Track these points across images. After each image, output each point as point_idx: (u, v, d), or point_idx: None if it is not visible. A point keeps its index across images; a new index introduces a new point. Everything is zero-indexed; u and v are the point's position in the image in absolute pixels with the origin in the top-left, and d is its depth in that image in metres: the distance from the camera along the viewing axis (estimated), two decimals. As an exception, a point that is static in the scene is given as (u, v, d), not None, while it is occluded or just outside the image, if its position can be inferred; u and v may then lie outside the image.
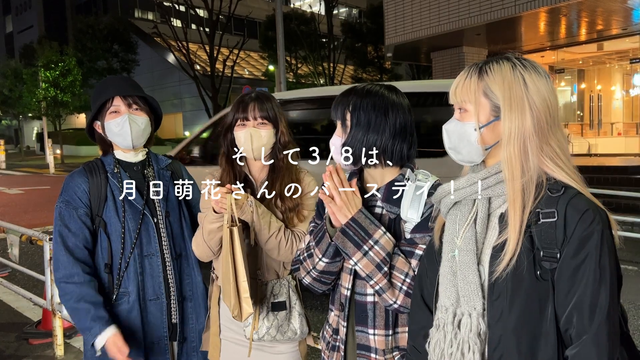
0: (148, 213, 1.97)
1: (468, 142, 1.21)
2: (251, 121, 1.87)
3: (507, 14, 10.41)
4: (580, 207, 1.09)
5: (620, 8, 10.27)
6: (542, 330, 1.11)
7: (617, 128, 16.28)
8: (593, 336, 1.05)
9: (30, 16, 48.65)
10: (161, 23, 28.70)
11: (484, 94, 1.19)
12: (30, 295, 4.23)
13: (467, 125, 1.21)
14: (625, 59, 15.05)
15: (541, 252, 1.10)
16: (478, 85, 1.19)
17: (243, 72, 35.81)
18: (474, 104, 1.19)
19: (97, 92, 1.99)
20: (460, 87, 1.22)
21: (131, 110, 1.93)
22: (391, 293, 1.42)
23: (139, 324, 1.92)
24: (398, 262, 1.43)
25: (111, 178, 1.96)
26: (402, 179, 1.53)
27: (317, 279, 1.57)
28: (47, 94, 25.19)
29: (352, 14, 44.83)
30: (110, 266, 1.91)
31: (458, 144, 1.24)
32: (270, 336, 1.80)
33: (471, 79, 1.20)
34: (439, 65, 14.30)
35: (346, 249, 1.41)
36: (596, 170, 9.74)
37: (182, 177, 2.14)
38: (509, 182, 1.14)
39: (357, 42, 31.47)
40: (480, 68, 1.21)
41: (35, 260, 5.54)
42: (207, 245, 1.85)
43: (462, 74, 1.24)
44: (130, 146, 1.96)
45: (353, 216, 1.41)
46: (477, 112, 1.19)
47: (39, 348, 3.94)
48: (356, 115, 1.50)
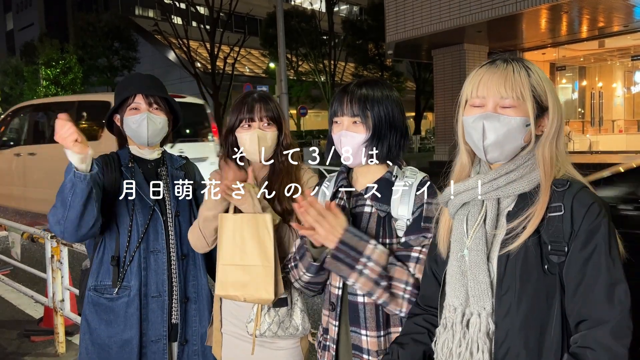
0: (158, 210, 1.98)
1: (514, 138, 1.18)
2: (257, 122, 1.85)
3: (508, 11, 10.39)
4: (586, 201, 1.11)
5: (622, 5, 10.25)
6: (548, 325, 1.11)
7: (618, 125, 16.27)
8: (614, 325, 1.05)
9: (31, 14, 48.62)
10: (162, 20, 28.71)
11: (533, 91, 1.18)
12: (32, 293, 4.24)
13: (517, 120, 1.16)
14: (626, 56, 15.04)
15: (549, 246, 1.11)
16: (529, 82, 1.18)
17: (244, 69, 35.79)
18: (527, 100, 1.17)
19: (122, 86, 2.04)
20: (511, 81, 1.17)
21: (151, 109, 1.97)
22: (395, 304, 1.40)
23: (137, 319, 1.92)
24: (396, 272, 1.41)
25: (125, 172, 1.98)
26: (391, 176, 1.52)
27: (304, 287, 1.60)
28: (47, 92, 25.23)
29: (353, 11, 44.77)
30: (117, 259, 1.93)
31: (504, 140, 1.17)
32: (272, 332, 1.79)
33: (521, 75, 1.17)
34: (439, 62, 14.28)
35: (341, 272, 1.40)
36: (597, 167, 9.72)
37: (194, 179, 2.14)
38: (544, 181, 1.16)
39: (358, 39, 31.42)
40: (522, 65, 1.20)
41: (37, 257, 5.55)
42: (201, 234, 1.85)
43: (501, 69, 1.18)
44: (145, 143, 2.01)
45: (341, 238, 1.37)
46: (530, 108, 1.17)
47: (40, 345, 3.95)
48: (380, 110, 1.48)
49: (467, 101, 1.24)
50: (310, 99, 33.61)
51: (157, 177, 2.05)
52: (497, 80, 1.17)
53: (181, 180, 2.08)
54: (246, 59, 35.51)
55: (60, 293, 3.75)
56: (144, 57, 33.99)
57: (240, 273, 1.71)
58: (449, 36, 12.55)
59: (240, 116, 1.85)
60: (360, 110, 1.48)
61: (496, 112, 1.17)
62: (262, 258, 1.68)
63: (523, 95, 1.16)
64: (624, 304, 1.06)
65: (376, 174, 1.54)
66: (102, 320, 1.94)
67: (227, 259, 1.73)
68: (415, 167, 1.58)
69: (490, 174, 1.21)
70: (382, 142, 1.49)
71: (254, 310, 1.80)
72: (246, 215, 1.73)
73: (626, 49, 14.44)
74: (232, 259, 1.72)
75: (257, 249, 1.69)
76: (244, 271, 1.70)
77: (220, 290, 1.74)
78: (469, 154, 1.29)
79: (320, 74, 31.66)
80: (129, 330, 1.91)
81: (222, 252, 1.74)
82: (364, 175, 1.56)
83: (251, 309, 1.81)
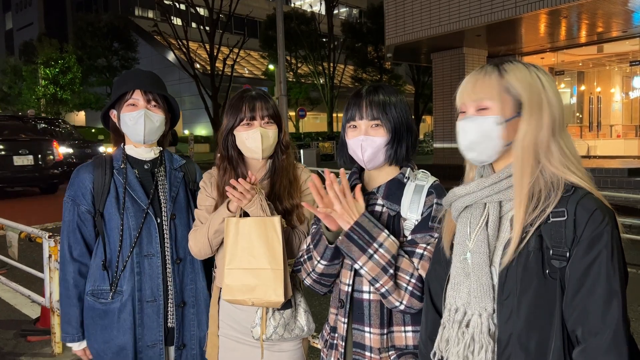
0: (151, 213, 1.93)
1: (488, 137, 1.20)
2: (258, 120, 1.82)
3: (507, 15, 10.42)
4: (590, 207, 1.10)
5: (621, 10, 10.28)
6: (550, 330, 1.11)
7: (616, 130, 16.30)
8: (609, 335, 1.05)
9: (30, 13, 48.59)
10: (161, 21, 28.73)
11: (506, 90, 1.19)
12: (28, 293, 4.22)
13: (489, 119, 1.19)
14: (625, 62, 15.06)
15: (550, 251, 1.11)
16: (499, 82, 1.19)
17: (243, 71, 35.81)
18: (497, 100, 1.18)
19: (120, 81, 1.98)
20: (480, 84, 1.20)
21: (149, 106, 1.92)
22: (397, 294, 1.42)
23: (130, 325, 1.89)
24: (403, 263, 1.43)
25: (116, 174, 1.95)
26: (403, 178, 1.55)
27: (317, 280, 1.59)
28: (46, 91, 25.22)
29: (353, 14, 44.85)
30: (105, 263, 1.90)
31: (476, 140, 1.21)
32: (278, 335, 1.78)
33: (491, 76, 1.20)
34: (439, 66, 14.30)
35: (351, 253, 1.41)
36: (595, 172, 9.74)
37: (194, 179, 2.09)
38: (518, 178, 1.16)
39: (357, 42, 31.49)
40: (497, 66, 1.22)
41: (35, 257, 5.54)
42: (209, 244, 1.83)
43: (476, 73, 1.23)
44: (141, 141, 1.94)
45: (357, 220, 1.40)
46: (502, 107, 1.18)
47: (37, 345, 3.93)
48: (397, 113, 1.52)
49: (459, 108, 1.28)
50: (309, 101, 33.67)
51: (152, 178, 2.00)
52: (472, 84, 1.22)
53: (179, 182, 2.03)
54: (245, 61, 35.53)
55: (57, 293, 3.73)
56: (143, 58, 33.99)
57: (248, 277, 1.70)
58: (449, 40, 12.58)
59: (240, 115, 1.82)
60: (380, 113, 1.51)
61: (473, 115, 1.21)
62: (271, 261, 1.68)
63: (491, 95, 1.18)
64: (617, 319, 1.06)
65: (389, 175, 1.57)
66: (97, 326, 1.91)
67: (234, 263, 1.71)
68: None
69: (492, 177, 1.22)
70: (401, 144, 1.53)
71: (258, 314, 1.78)
72: (255, 218, 1.71)
73: (624, 54, 14.48)
74: (240, 262, 1.71)
75: (266, 252, 1.68)
76: (253, 275, 1.69)
77: (226, 295, 1.72)
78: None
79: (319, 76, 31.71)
80: (122, 336, 1.89)
81: (229, 256, 1.72)
82: (376, 176, 1.59)
83: (255, 313, 1.79)
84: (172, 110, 2.04)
